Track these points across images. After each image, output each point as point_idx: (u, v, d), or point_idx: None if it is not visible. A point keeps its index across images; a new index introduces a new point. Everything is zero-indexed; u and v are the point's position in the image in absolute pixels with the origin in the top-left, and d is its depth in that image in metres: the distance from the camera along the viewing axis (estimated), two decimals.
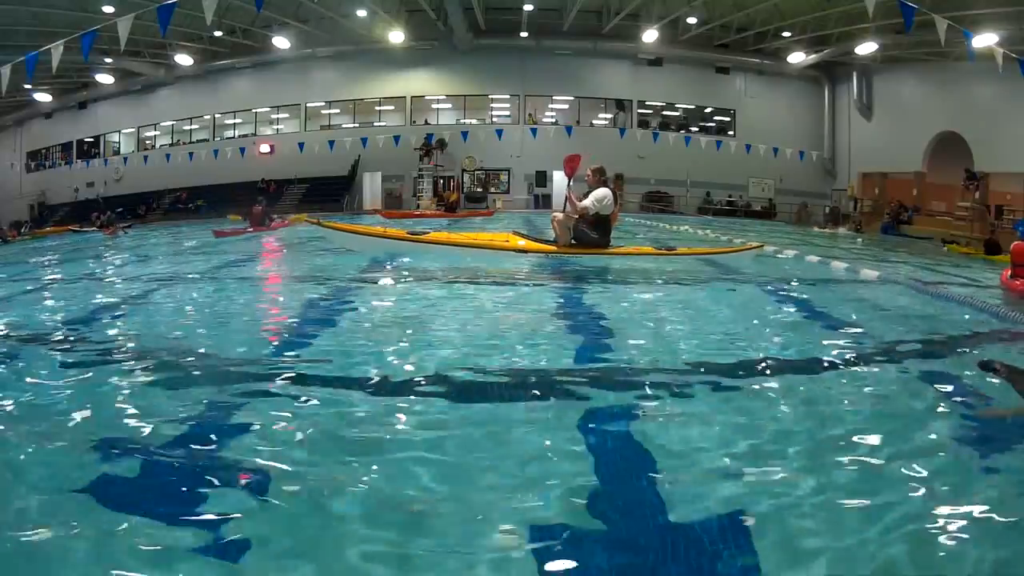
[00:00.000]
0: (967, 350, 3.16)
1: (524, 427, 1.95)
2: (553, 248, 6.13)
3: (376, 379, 2.42)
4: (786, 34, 20.34)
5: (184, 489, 1.61)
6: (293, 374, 2.49)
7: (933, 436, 1.96)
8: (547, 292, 4.61)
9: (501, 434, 1.90)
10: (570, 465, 1.71)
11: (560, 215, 6.15)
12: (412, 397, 2.23)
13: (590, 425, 1.97)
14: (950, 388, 2.43)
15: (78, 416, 2.07)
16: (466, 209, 19.63)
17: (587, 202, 6.01)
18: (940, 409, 2.20)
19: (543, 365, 2.64)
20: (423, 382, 2.38)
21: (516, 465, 1.71)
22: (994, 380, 2.43)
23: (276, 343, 3.09)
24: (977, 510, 1.50)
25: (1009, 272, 5.75)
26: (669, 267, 5.94)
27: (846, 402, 2.23)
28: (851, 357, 2.85)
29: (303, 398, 2.23)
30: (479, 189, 23.33)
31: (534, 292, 4.64)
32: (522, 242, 6.21)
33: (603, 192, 6.02)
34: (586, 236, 6.06)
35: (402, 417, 2.04)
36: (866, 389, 2.40)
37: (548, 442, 1.84)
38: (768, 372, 2.58)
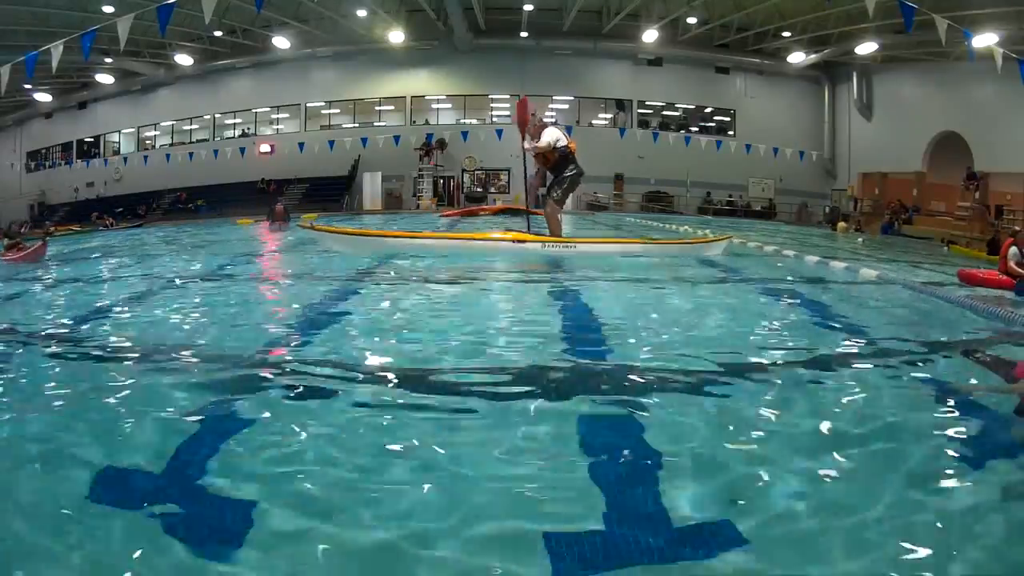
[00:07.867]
0: (963, 349, 3.16)
1: (516, 422, 1.95)
2: (548, 238, 6.21)
3: (373, 377, 2.43)
4: (786, 34, 20.38)
5: (183, 488, 1.61)
6: (292, 373, 2.50)
7: (929, 434, 1.96)
8: (540, 286, 4.67)
9: (493, 429, 1.91)
10: (563, 457, 1.71)
11: (550, 209, 6.22)
12: (404, 395, 2.23)
13: (584, 419, 1.98)
14: (945, 386, 2.44)
15: (77, 415, 2.07)
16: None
17: (544, 140, 6.24)
18: (934, 407, 2.21)
19: (537, 360, 2.64)
20: (413, 379, 2.38)
21: (508, 460, 1.71)
22: (977, 366, 2.77)
23: (275, 342, 3.09)
24: (978, 507, 1.51)
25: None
26: (658, 260, 6.09)
27: (842, 401, 2.23)
28: (848, 356, 2.85)
29: (302, 397, 2.23)
30: (479, 189, 23.36)
31: (528, 286, 4.72)
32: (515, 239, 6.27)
33: (551, 132, 6.31)
34: (562, 177, 6.33)
35: (397, 413, 2.04)
36: (862, 387, 2.40)
37: (541, 437, 1.85)
38: (763, 370, 2.57)
